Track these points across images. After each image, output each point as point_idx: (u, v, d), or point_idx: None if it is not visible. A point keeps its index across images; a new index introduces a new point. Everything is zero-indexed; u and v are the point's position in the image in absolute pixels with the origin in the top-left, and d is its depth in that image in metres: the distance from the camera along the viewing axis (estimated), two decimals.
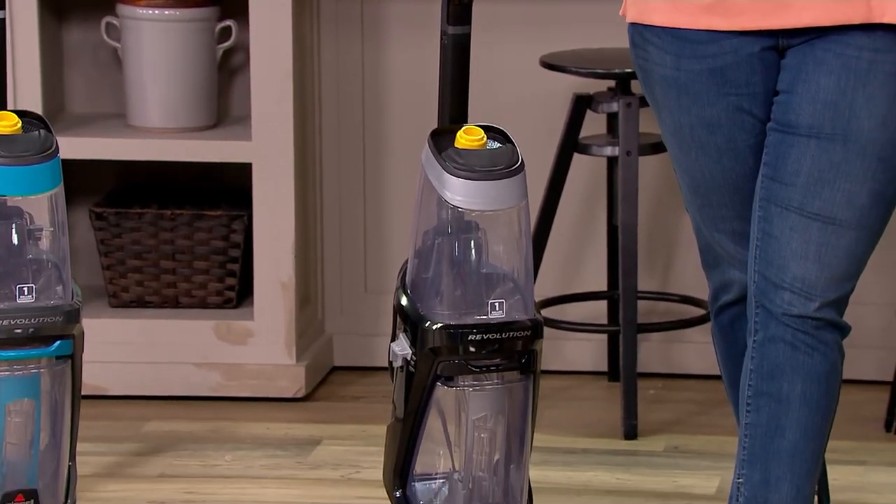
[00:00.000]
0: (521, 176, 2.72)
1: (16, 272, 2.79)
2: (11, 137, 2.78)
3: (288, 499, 3.41)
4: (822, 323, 2.74)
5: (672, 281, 3.98)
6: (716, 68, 2.70)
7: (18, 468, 2.79)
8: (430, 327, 2.71)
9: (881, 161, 2.67)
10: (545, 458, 3.48)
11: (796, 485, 2.77)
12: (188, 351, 3.87)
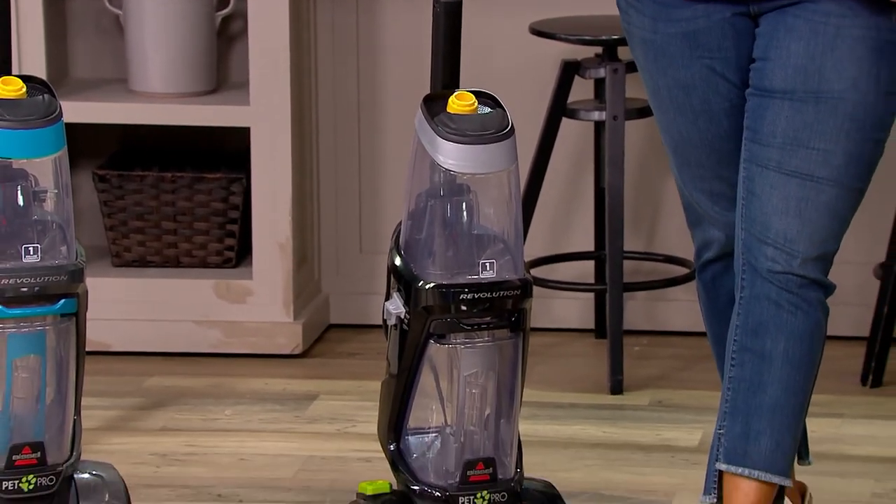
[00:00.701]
0: (511, 140, 2.72)
1: (21, 233, 2.78)
2: (16, 102, 2.77)
3: (286, 451, 3.41)
4: (805, 281, 2.74)
5: (657, 241, 3.98)
6: (689, 32, 2.72)
7: (25, 421, 2.79)
8: (423, 287, 2.70)
9: (853, 121, 2.69)
10: (534, 412, 3.48)
11: (775, 439, 2.77)
12: (189, 309, 3.86)
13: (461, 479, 2.74)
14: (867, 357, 3.71)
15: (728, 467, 2.78)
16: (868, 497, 3.21)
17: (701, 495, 2.84)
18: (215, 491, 3.26)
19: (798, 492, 2.97)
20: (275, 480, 3.30)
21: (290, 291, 3.86)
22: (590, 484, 3.25)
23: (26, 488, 2.80)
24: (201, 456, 3.40)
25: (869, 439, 3.44)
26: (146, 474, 3.30)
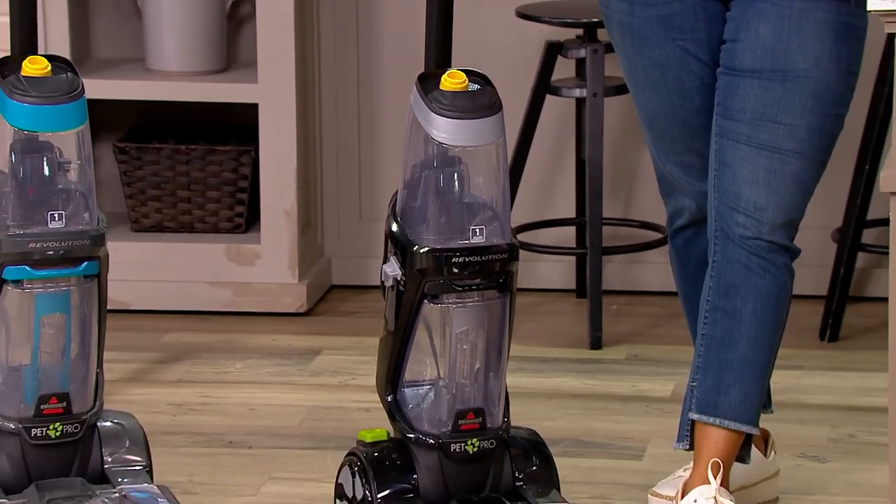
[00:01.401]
0: (499, 115, 2.71)
1: (47, 200, 2.78)
2: (42, 79, 2.76)
3: (292, 402, 3.41)
4: (773, 246, 2.75)
5: (633, 208, 3.98)
6: (664, 15, 2.71)
7: (52, 374, 2.79)
8: (418, 251, 2.70)
9: (816, 98, 2.69)
10: (520, 366, 3.48)
11: (744, 391, 2.78)
12: (202, 271, 3.86)
13: (453, 427, 2.74)
14: (825, 314, 3.72)
15: (700, 417, 2.79)
16: (825, 442, 3.22)
17: (674, 442, 2.84)
18: (227, 438, 3.26)
19: (762, 438, 2.98)
20: (281, 428, 3.30)
21: (295, 255, 3.85)
22: (571, 431, 3.26)
23: (53, 435, 2.80)
24: (214, 406, 3.40)
25: (826, 389, 3.44)
26: (163, 422, 3.30)
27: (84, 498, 2.78)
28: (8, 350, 2.80)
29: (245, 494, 3.03)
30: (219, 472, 3.11)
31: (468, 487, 2.76)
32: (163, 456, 3.08)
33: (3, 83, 2.76)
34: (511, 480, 2.79)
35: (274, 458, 3.17)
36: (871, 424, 3.27)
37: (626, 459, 3.15)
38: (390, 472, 2.75)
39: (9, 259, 2.76)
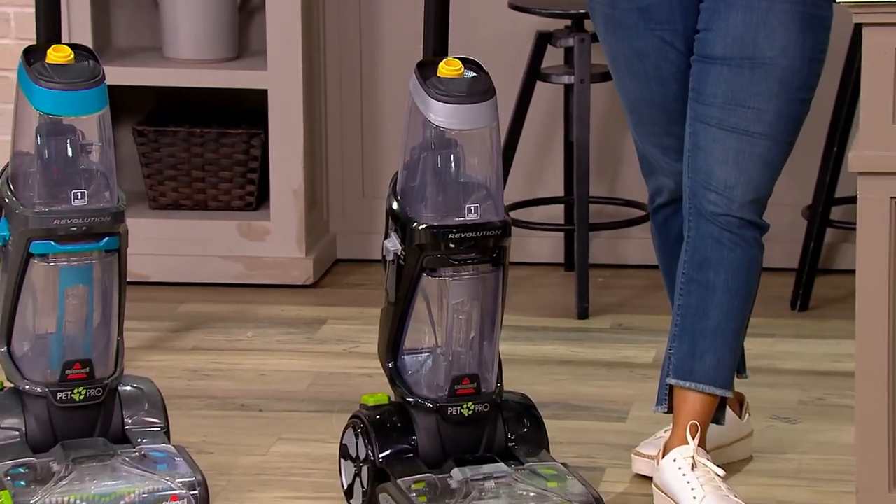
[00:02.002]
0: (493, 100, 2.71)
1: (71, 180, 2.78)
2: (66, 67, 2.75)
3: (299, 368, 3.42)
4: (743, 222, 2.75)
5: (618, 187, 3.98)
6: (643, 7, 2.72)
7: (76, 342, 2.79)
8: (417, 227, 2.70)
9: (782, 83, 2.69)
10: (512, 334, 3.49)
11: (717, 357, 2.78)
12: (215, 246, 3.86)
13: (449, 392, 2.74)
14: (796, 286, 3.72)
15: (677, 382, 2.79)
16: (795, 404, 3.22)
17: (653, 405, 2.85)
18: (238, 401, 3.26)
19: (737, 401, 2.99)
20: (289, 392, 3.30)
21: (302, 231, 3.85)
22: (560, 395, 3.26)
23: (77, 398, 2.80)
24: (226, 371, 3.40)
25: (796, 356, 3.45)
26: (179, 387, 3.31)
27: (106, 457, 2.78)
28: (35, 319, 2.80)
29: (255, 454, 3.04)
30: (231, 433, 3.11)
31: (464, 448, 2.77)
32: (179, 418, 3.08)
33: (30, 70, 2.75)
34: (504, 441, 2.79)
35: (282, 420, 3.18)
36: (839, 388, 3.27)
37: (611, 421, 3.15)
38: (391, 433, 2.76)
39: (35, 234, 2.76)
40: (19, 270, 2.77)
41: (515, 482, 2.72)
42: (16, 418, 2.80)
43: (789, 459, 3.00)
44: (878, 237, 2.48)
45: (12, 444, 2.79)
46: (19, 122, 2.79)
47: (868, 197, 2.48)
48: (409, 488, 2.69)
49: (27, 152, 2.78)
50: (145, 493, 2.74)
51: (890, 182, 2.47)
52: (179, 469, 2.79)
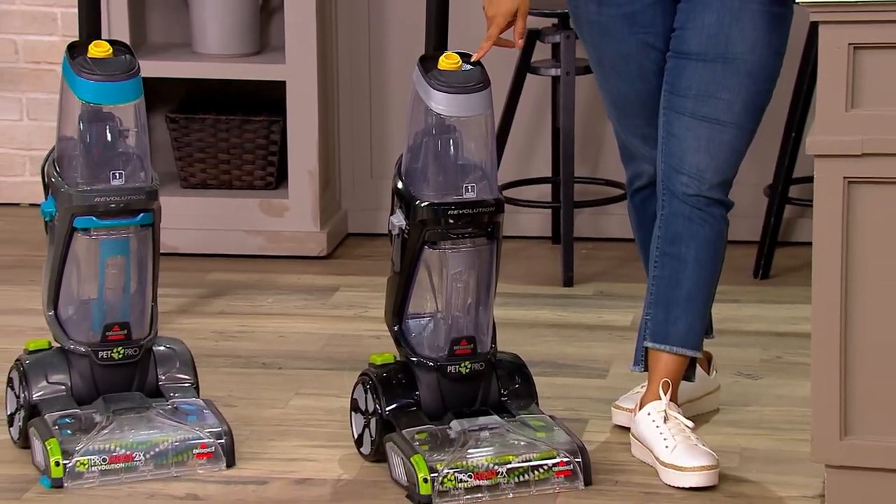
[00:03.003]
0: (488, 91, 2.70)
1: (110, 162, 2.77)
2: (105, 60, 2.75)
3: (314, 330, 3.42)
4: (711, 201, 2.75)
5: (599, 169, 3.97)
6: (628, 13, 2.70)
7: (115, 307, 2.79)
8: (420, 205, 2.69)
9: (750, 77, 2.68)
10: (505, 300, 3.48)
11: (689, 322, 2.79)
12: (240, 221, 3.86)
13: (449, 352, 2.74)
14: (758, 256, 3.72)
15: (653, 345, 2.79)
16: (757, 362, 3.23)
17: (631, 365, 2.85)
18: (260, 360, 3.26)
19: (705, 359, 2.99)
20: (306, 352, 3.30)
21: (317, 208, 3.85)
22: (547, 355, 3.26)
23: (117, 357, 2.80)
24: (250, 333, 3.40)
25: (758, 319, 3.45)
26: (208, 347, 3.31)
27: (142, 409, 2.78)
28: (78, 287, 2.80)
29: (275, 407, 3.04)
30: (253, 389, 3.12)
31: (461, 402, 2.77)
32: (207, 375, 3.08)
33: (73, 63, 2.75)
34: (497, 396, 2.79)
35: (299, 377, 3.18)
36: (796, 347, 3.27)
37: (593, 378, 3.15)
38: (396, 389, 2.76)
39: (79, 211, 2.76)
40: (64, 243, 2.77)
41: (508, 432, 2.72)
42: (62, 374, 2.81)
43: (752, 411, 3.00)
44: (832, 213, 2.48)
45: (59, 398, 2.79)
46: (64, 110, 2.78)
47: (824, 177, 2.47)
48: (413, 438, 2.69)
49: (71, 137, 2.78)
50: (177, 442, 2.75)
51: (843, 163, 2.46)
52: (208, 420, 2.79)
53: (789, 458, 2.80)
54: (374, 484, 2.71)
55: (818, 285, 2.50)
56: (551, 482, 2.68)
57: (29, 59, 4.11)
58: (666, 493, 2.69)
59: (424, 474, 2.63)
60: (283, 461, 2.80)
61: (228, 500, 2.67)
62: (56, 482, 2.69)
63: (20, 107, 4.15)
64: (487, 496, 2.65)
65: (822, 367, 2.51)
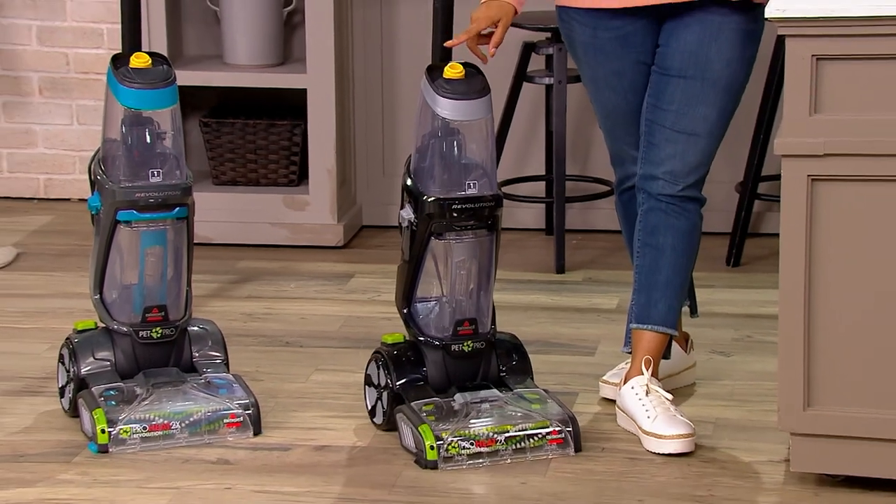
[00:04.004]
0: (488, 97, 2.69)
1: (149, 161, 2.77)
2: (145, 70, 2.74)
3: (332, 313, 3.41)
4: (685, 198, 2.75)
5: (588, 167, 3.96)
6: (621, 35, 2.69)
7: (154, 291, 2.79)
8: (427, 200, 2.69)
9: (725, 91, 2.68)
10: (504, 286, 3.48)
11: (668, 304, 2.78)
12: (265, 214, 3.85)
13: (453, 332, 2.74)
14: (730, 246, 3.71)
15: (637, 326, 2.79)
16: (729, 341, 3.22)
17: (622, 347, 2.86)
18: (284, 339, 3.26)
19: (683, 338, 2.99)
20: (325, 332, 3.30)
21: (335, 202, 3.84)
22: (542, 335, 3.26)
23: (155, 336, 2.80)
24: (275, 315, 3.40)
25: (730, 302, 3.45)
26: (237, 328, 3.30)
27: (179, 382, 2.78)
28: (121, 273, 2.80)
29: (298, 381, 3.03)
30: (278, 365, 3.11)
31: (464, 377, 2.76)
32: (236, 352, 3.08)
33: (117, 73, 2.74)
34: (497, 372, 2.79)
35: (319, 354, 3.17)
36: (764, 328, 3.27)
37: (583, 356, 3.15)
38: (406, 365, 2.75)
39: (121, 205, 2.75)
40: (108, 234, 2.77)
41: (506, 404, 2.71)
42: (107, 351, 2.81)
43: (724, 385, 2.99)
44: (797, 207, 2.47)
45: (104, 372, 2.79)
46: (108, 115, 2.78)
47: (790, 175, 2.47)
48: (421, 409, 2.69)
49: (114, 139, 2.78)
50: (210, 412, 2.75)
51: (808, 163, 2.46)
52: (237, 393, 2.79)
53: (758, 427, 2.79)
54: (386, 451, 2.71)
55: (785, 272, 2.49)
56: (545, 449, 2.68)
57: (78, 70, 4.11)
58: (648, 458, 2.68)
59: (431, 442, 2.63)
60: (304, 430, 2.80)
61: (255, 464, 2.67)
62: (102, 448, 2.69)
63: (70, 112, 4.15)
64: (488, 461, 2.65)
65: (788, 345, 2.50)
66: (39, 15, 4.08)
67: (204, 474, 2.63)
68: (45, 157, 4.17)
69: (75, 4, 4.09)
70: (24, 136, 4.16)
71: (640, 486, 2.59)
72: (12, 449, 2.69)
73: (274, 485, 2.59)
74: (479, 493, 2.57)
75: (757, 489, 2.58)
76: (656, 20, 2.71)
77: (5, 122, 4.14)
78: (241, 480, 2.61)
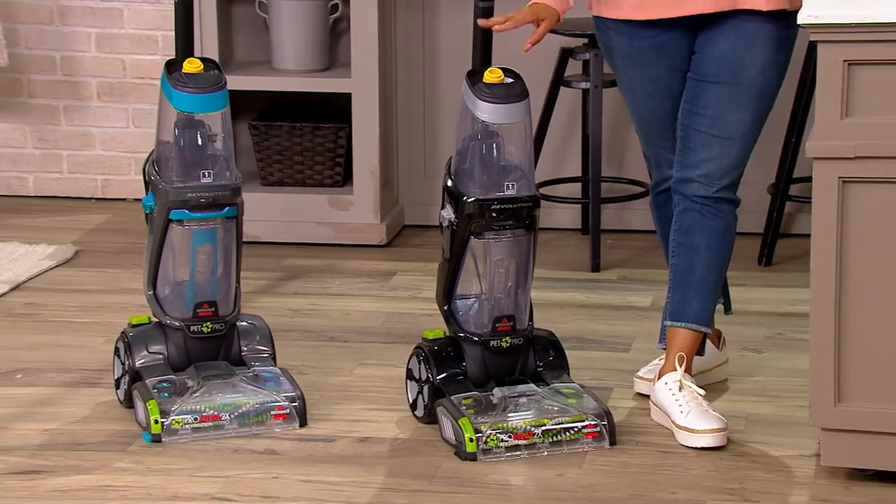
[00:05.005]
0: (527, 101, 2.69)
1: (200, 162, 2.78)
2: (197, 75, 2.75)
3: (375, 309, 3.41)
4: (720, 199, 2.74)
5: (624, 169, 3.94)
6: (656, 43, 2.67)
7: (204, 288, 2.80)
8: (467, 200, 2.68)
9: (759, 96, 2.66)
10: (541, 284, 3.47)
11: (702, 302, 2.77)
12: (311, 214, 3.86)
13: (492, 328, 2.73)
14: (762, 246, 3.69)
15: (671, 323, 2.78)
16: (762, 339, 3.20)
17: (657, 343, 2.85)
18: (329, 335, 3.26)
19: (716, 336, 2.97)
20: (368, 328, 3.30)
21: (377, 203, 3.84)
22: (578, 332, 3.24)
23: (206, 331, 2.81)
24: (320, 311, 3.40)
25: (762, 301, 3.42)
26: (284, 323, 3.31)
27: (228, 375, 2.79)
28: (173, 270, 2.81)
29: (342, 375, 3.04)
30: (323, 359, 3.12)
31: (502, 372, 2.76)
32: (283, 347, 3.08)
33: (170, 77, 2.75)
34: (534, 367, 2.78)
35: (362, 349, 3.17)
36: (795, 326, 3.24)
37: (618, 352, 3.13)
38: (446, 360, 2.75)
39: (174, 205, 2.76)
40: (162, 232, 2.78)
41: (543, 399, 2.71)
42: (160, 345, 2.82)
43: (756, 381, 2.97)
44: (828, 208, 2.45)
45: (158, 365, 2.81)
46: (162, 118, 2.79)
47: (821, 177, 2.45)
48: (460, 403, 2.68)
49: (168, 141, 2.79)
50: (258, 404, 2.75)
51: (839, 165, 2.44)
52: (283, 386, 2.80)
53: (789, 422, 2.77)
54: (427, 442, 2.71)
55: (816, 271, 2.47)
56: (581, 442, 2.66)
57: (134, 75, 4.14)
58: (681, 452, 2.67)
59: (470, 434, 2.62)
60: (348, 422, 2.80)
61: (301, 455, 2.68)
62: (155, 437, 2.70)
63: (126, 116, 4.18)
64: (525, 454, 2.64)
65: (819, 343, 2.48)
66: (98, 23, 4.12)
67: (252, 464, 2.64)
68: (102, 159, 4.20)
69: (132, 13, 4.11)
70: (82, 138, 4.19)
71: (673, 479, 2.58)
72: (71, 437, 2.71)
73: (319, 474, 2.60)
74: (517, 484, 2.56)
75: (788, 483, 2.55)
76: (692, 28, 2.69)
77: (66, 125, 4.17)
78: (288, 470, 2.62)
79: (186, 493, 2.52)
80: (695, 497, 2.51)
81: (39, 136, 4.18)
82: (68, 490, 2.52)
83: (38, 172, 4.19)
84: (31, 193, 4.20)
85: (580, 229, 3.96)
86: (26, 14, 4.12)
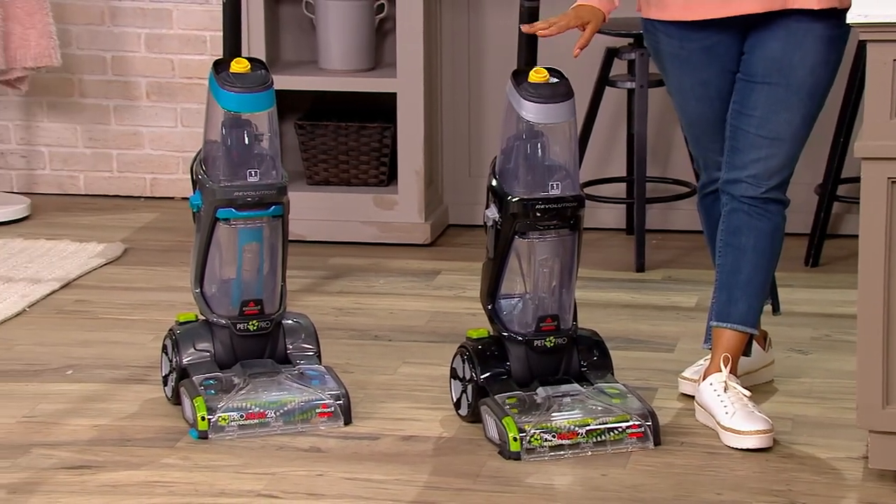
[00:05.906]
0: (572, 101, 2.67)
1: (247, 161, 2.78)
2: (244, 75, 2.76)
3: (420, 308, 3.41)
4: (769, 199, 2.71)
5: (669, 169, 3.92)
6: (706, 46, 2.65)
7: (251, 286, 2.81)
8: (511, 200, 2.67)
9: (809, 96, 2.63)
10: (585, 283, 3.45)
11: (748, 303, 2.74)
12: (357, 213, 3.86)
13: (536, 328, 2.71)
14: (809, 247, 3.65)
15: (717, 324, 2.75)
16: (808, 340, 3.16)
17: (702, 343, 2.83)
18: (373, 333, 3.26)
19: (762, 336, 2.94)
20: (412, 327, 3.29)
21: (422, 202, 3.83)
22: (622, 332, 3.22)
23: (252, 329, 2.82)
24: (365, 310, 3.40)
25: (809, 302, 3.38)
26: (328, 321, 3.31)
27: (273, 373, 2.79)
28: (220, 268, 2.82)
29: (386, 374, 3.03)
30: (367, 358, 3.11)
31: (546, 372, 2.74)
32: (328, 345, 3.08)
33: (218, 77, 2.76)
34: (578, 367, 2.76)
35: (407, 348, 3.17)
36: (843, 327, 3.20)
37: (662, 352, 3.10)
38: (490, 360, 2.74)
39: (220, 203, 2.77)
40: (208, 231, 2.79)
41: (587, 399, 2.69)
42: (207, 343, 2.83)
43: (802, 383, 2.93)
44: (877, 209, 2.42)
45: (204, 362, 2.81)
46: (209, 118, 2.79)
47: (869, 177, 2.42)
48: (504, 402, 2.67)
49: (215, 140, 2.79)
50: (303, 402, 2.76)
51: (888, 166, 2.41)
52: (328, 384, 2.79)
53: (836, 424, 2.73)
54: (471, 441, 2.69)
55: (864, 272, 2.43)
56: (625, 442, 2.64)
57: (183, 75, 4.16)
58: (726, 453, 2.64)
59: (514, 434, 2.61)
60: (392, 420, 2.79)
61: (346, 452, 2.67)
62: (202, 434, 2.71)
63: (175, 115, 4.20)
64: (569, 454, 2.63)
65: (867, 344, 2.44)
66: (148, 23, 4.14)
67: (297, 461, 2.64)
68: (150, 158, 4.23)
69: (181, 13, 4.14)
70: (132, 137, 4.22)
71: (718, 480, 2.55)
72: (120, 433, 2.73)
73: (363, 472, 2.59)
74: (561, 483, 2.55)
75: (836, 485, 2.52)
76: (742, 30, 2.66)
77: (116, 124, 4.20)
78: (332, 467, 2.61)
79: (232, 490, 2.53)
80: (740, 499, 2.49)
81: (90, 135, 4.21)
82: (117, 485, 2.53)
83: (88, 171, 4.23)
84: (82, 192, 4.23)
85: (625, 229, 3.93)
86: (78, 15, 4.15)
